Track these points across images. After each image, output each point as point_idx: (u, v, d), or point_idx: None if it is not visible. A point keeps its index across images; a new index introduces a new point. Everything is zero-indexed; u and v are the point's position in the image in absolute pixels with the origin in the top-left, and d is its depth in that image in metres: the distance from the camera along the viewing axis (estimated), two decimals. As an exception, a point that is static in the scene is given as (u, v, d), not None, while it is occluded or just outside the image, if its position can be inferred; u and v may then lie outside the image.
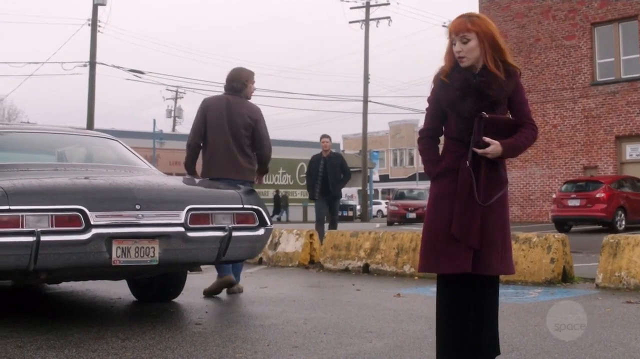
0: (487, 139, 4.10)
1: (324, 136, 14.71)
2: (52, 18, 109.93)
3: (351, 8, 49.47)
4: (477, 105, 4.14)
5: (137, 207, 6.03)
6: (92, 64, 37.39)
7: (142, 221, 6.03)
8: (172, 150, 46.75)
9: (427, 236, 4.26)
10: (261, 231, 6.68)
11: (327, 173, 14.26)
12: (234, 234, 6.40)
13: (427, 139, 4.40)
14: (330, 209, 14.47)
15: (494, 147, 4.10)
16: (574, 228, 24.30)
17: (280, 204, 50.86)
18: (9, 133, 8.30)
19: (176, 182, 7.02)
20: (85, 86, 37.59)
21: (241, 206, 6.63)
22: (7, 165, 6.96)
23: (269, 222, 6.75)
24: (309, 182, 14.62)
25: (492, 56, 4.19)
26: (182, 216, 6.23)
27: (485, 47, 4.18)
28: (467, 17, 4.23)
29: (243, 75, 8.43)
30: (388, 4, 48.95)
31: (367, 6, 48.79)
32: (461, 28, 4.17)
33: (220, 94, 8.56)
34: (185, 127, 75.14)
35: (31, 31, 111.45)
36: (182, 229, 6.19)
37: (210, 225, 6.40)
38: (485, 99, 4.15)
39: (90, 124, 36.37)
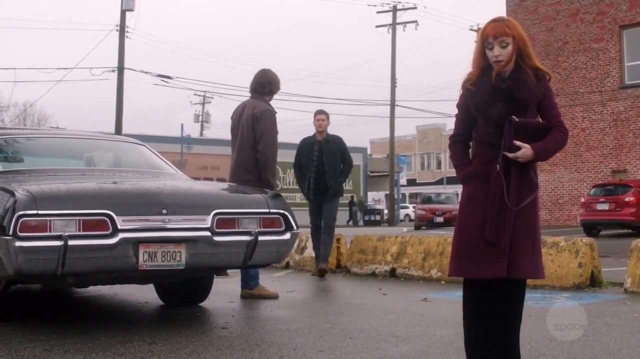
0: (517, 143, 4.10)
1: (319, 112, 11.10)
2: (80, 24, 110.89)
3: (378, 12, 49.52)
4: (507, 108, 4.15)
5: (164, 211, 6.06)
6: (120, 69, 37.61)
7: (168, 226, 6.05)
8: (200, 155, 46.97)
9: (458, 241, 4.26)
10: (287, 236, 6.68)
11: (325, 163, 10.80)
12: (260, 238, 6.41)
13: (456, 144, 4.41)
14: (324, 210, 10.83)
15: (525, 150, 4.10)
16: (602, 232, 24.10)
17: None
18: (37, 138, 8.39)
19: (202, 186, 7.05)
20: (114, 91, 37.83)
21: (267, 210, 6.64)
22: (35, 170, 7.03)
23: (295, 227, 6.76)
24: (299, 176, 11.08)
25: (524, 60, 4.21)
26: (208, 221, 6.25)
27: (519, 51, 4.20)
28: (504, 22, 4.24)
29: (267, 77, 8.46)
30: (415, 8, 48.95)
31: (394, 10, 48.79)
32: (500, 32, 4.17)
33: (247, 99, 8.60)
34: (213, 132, 75.58)
35: (60, 37, 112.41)
36: (208, 233, 6.20)
37: (237, 229, 6.42)
38: (515, 102, 4.16)
39: (118, 129, 36.56)
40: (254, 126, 8.18)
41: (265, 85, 8.43)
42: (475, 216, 4.19)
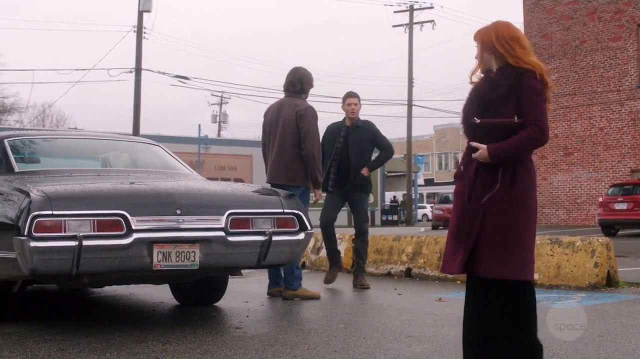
0: (474, 144, 4.15)
1: (350, 95, 9.50)
2: (98, 26, 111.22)
3: (395, 12, 49.42)
4: (475, 108, 4.22)
5: (178, 212, 6.08)
6: (138, 70, 37.71)
7: (182, 226, 6.07)
8: (217, 155, 46.99)
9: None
10: (301, 236, 6.69)
11: (349, 151, 9.33)
12: (274, 238, 6.42)
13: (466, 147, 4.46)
14: (353, 212, 9.53)
15: (481, 151, 4.13)
16: (620, 232, 24.01)
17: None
18: (54, 139, 8.44)
19: (217, 187, 7.06)
20: (131, 92, 37.94)
21: (281, 210, 6.65)
22: (51, 171, 7.07)
23: (309, 227, 6.77)
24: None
25: (509, 59, 4.21)
26: (222, 221, 6.26)
27: (481, 53, 4.31)
28: (481, 27, 4.40)
29: (297, 75, 8.49)
30: (432, 7, 48.83)
31: (411, 10, 48.70)
32: (474, 38, 4.38)
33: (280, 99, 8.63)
34: (230, 132, 75.71)
35: (78, 39, 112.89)
36: (222, 233, 6.22)
37: (251, 229, 6.43)
38: (482, 101, 4.21)
39: (136, 130, 36.67)
40: (297, 124, 8.17)
41: (296, 83, 8.43)
42: (454, 214, 4.29)
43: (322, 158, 8.96)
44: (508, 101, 4.15)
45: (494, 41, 4.23)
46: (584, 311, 7.16)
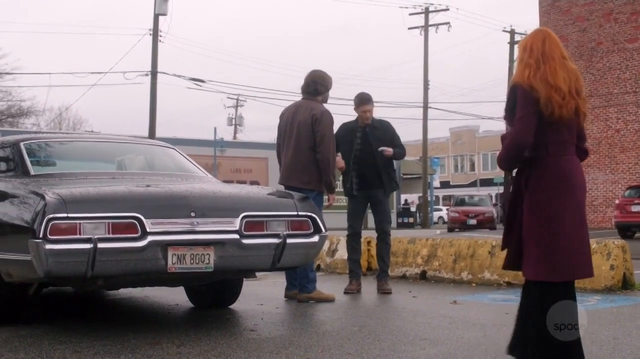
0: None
1: (363, 102, 9.16)
2: (113, 29, 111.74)
3: (410, 14, 49.47)
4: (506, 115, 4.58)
5: (192, 214, 6.09)
6: (154, 73, 37.86)
7: (197, 228, 6.08)
8: (233, 158, 47.08)
9: None
10: (316, 238, 6.68)
11: (374, 152, 9.02)
12: (289, 241, 6.42)
13: None
14: (377, 212, 9.23)
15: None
16: (637, 234, 23.90)
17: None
18: (69, 142, 8.48)
19: (231, 189, 7.08)
20: (147, 95, 38.09)
21: (295, 213, 6.65)
22: (66, 174, 7.10)
23: (323, 229, 6.76)
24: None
25: None
26: (236, 223, 6.27)
27: None
28: None
29: (312, 77, 8.49)
30: (447, 9, 48.83)
31: (426, 12, 48.69)
32: None
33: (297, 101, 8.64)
34: (246, 135, 75.76)
35: (94, 42, 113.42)
36: (236, 236, 6.23)
37: (265, 232, 6.43)
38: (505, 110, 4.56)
39: (152, 132, 36.79)
40: (313, 127, 8.17)
41: (310, 84, 8.43)
42: None
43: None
44: (513, 110, 4.38)
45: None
46: (585, 311, 7.14)
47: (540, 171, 4.31)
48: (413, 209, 53.31)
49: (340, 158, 8.85)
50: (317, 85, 8.42)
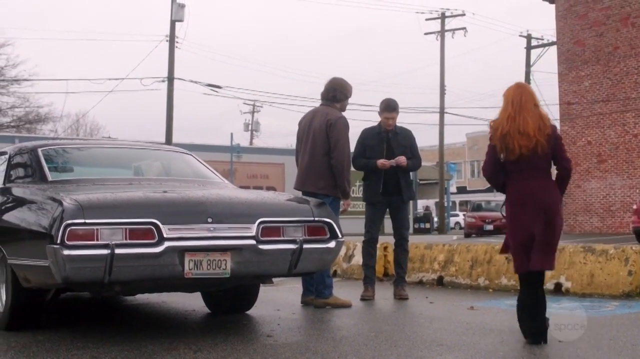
0: None
1: (388, 109, 9.17)
2: (130, 35, 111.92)
3: (426, 19, 49.32)
4: None
5: (209, 220, 6.10)
6: (170, 79, 37.94)
7: (214, 234, 6.09)
8: (250, 163, 47.10)
9: None
10: (332, 244, 6.68)
11: (393, 158, 8.99)
12: (305, 246, 6.42)
13: None
14: (398, 219, 9.26)
15: None
16: (656, 240, 23.71)
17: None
18: (87, 148, 8.52)
19: (248, 195, 7.09)
20: (164, 101, 38.18)
21: (312, 218, 6.66)
22: (84, 180, 7.14)
23: (340, 235, 6.76)
24: (366, 169, 9.16)
25: None
26: (253, 229, 6.28)
27: None
28: None
29: (332, 84, 8.55)
30: (463, 14, 48.66)
31: (442, 17, 48.58)
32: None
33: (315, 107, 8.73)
34: (263, 140, 75.86)
35: (111, 48, 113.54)
36: (253, 241, 6.23)
37: (282, 238, 6.44)
38: None
39: (169, 138, 36.88)
40: (327, 133, 8.23)
41: (329, 91, 8.50)
42: None
43: (366, 166, 9.03)
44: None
45: None
46: (586, 313, 7.11)
47: (507, 189, 6.04)
48: (435, 216, 52.96)
49: (385, 160, 8.91)
50: (336, 93, 8.47)
